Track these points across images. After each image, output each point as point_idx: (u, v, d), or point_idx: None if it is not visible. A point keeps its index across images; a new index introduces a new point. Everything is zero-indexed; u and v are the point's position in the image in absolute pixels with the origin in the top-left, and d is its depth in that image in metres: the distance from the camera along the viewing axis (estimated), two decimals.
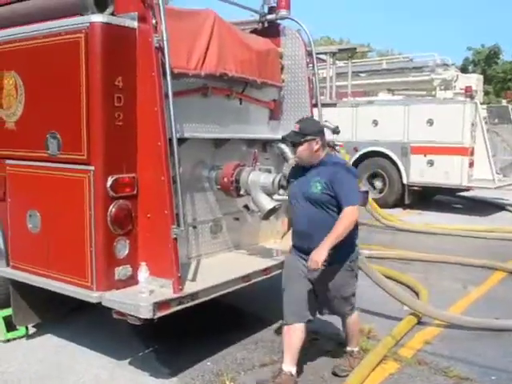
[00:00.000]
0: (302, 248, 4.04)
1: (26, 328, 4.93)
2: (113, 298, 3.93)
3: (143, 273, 3.95)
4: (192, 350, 4.68)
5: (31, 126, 4.37)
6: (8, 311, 4.83)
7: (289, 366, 3.99)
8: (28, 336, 4.92)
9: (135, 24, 4.12)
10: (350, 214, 3.81)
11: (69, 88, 4.07)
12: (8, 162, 4.52)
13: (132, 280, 4.18)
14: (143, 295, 3.89)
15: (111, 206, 4.01)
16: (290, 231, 4.34)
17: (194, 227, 4.92)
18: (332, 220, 3.86)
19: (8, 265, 4.66)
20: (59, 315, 5.05)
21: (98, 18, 3.94)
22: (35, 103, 4.33)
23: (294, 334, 4.00)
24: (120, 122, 4.03)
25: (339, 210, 3.87)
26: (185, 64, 4.56)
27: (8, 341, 4.84)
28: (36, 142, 4.31)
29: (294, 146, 4.05)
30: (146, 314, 3.74)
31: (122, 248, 4.11)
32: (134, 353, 4.66)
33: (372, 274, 5.39)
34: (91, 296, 4.02)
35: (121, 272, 4.10)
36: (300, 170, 4.13)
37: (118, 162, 4.04)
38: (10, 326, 4.86)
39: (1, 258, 4.69)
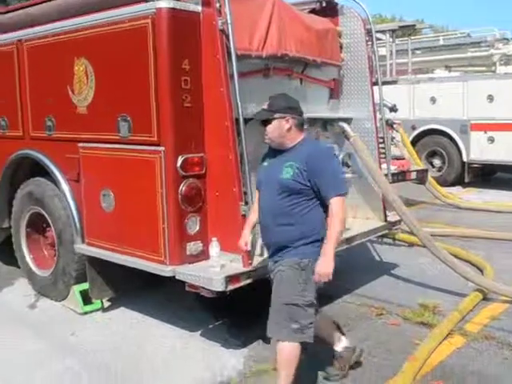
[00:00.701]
0: (267, 243, 3.61)
1: (101, 302, 5.20)
2: (186, 272, 4.10)
3: (214, 248, 4.11)
4: (259, 323, 4.81)
5: (102, 109, 4.56)
6: (84, 285, 5.11)
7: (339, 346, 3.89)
8: (103, 309, 5.19)
9: (199, 8, 4.24)
10: (340, 207, 3.27)
11: (138, 72, 4.23)
12: (81, 144, 4.74)
13: (203, 255, 4.35)
14: (215, 269, 4.06)
15: (181, 185, 4.17)
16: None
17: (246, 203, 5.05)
18: (302, 213, 3.36)
19: (83, 242, 4.91)
20: (132, 290, 5.29)
21: (163, 4, 4.07)
22: (105, 88, 4.52)
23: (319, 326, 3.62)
24: (188, 104, 4.18)
25: (318, 200, 3.37)
26: (247, 45, 4.65)
27: (85, 313, 5.11)
28: (107, 125, 4.51)
29: (264, 124, 3.51)
30: (218, 286, 3.91)
31: (193, 224, 4.28)
32: (204, 325, 4.84)
33: (437, 251, 5.39)
34: (165, 270, 4.21)
35: (192, 247, 4.27)
36: (272, 154, 3.58)
37: (186, 142, 4.19)
38: (86, 299, 5.14)
39: (77, 235, 4.94)
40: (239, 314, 4.95)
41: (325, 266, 3.25)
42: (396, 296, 5.42)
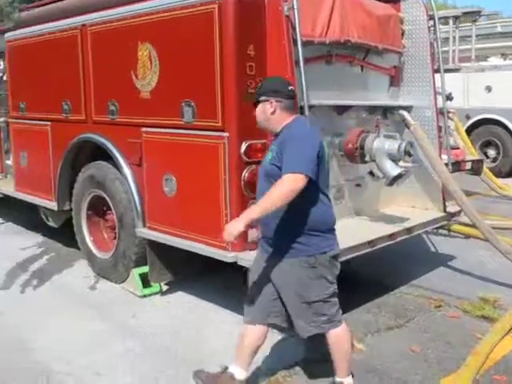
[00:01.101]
0: (263, 235, 3.42)
1: (160, 285, 5.27)
2: (248, 258, 4.12)
3: None
4: None
5: (166, 94, 4.60)
6: (144, 269, 5.19)
7: (235, 367, 3.48)
8: (161, 293, 5.26)
9: None
10: (283, 183, 2.97)
11: (203, 58, 4.24)
12: (144, 129, 4.79)
13: None
14: None
15: (244, 171, 4.18)
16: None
17: None
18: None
19: (145, 226, 4.98)
20: (190, 274, 5.35)
21: None
22: (169, 73, 4.55)
23: (246, 337, 3.48)
24: (252, 90, 4.15)
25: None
26: (310, 31, 4.60)
27: (144, 296, 5.19)
28: (171, 110, 4.54)
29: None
30: None
31: None
32: None
33: (498, 244, 5.27)
34: (227, 256, 4.24)
35: (254, 234, 4.27)
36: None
37: (250, 128, 4.17)
38: (145, 282, 5.22)
39: (138, 219, 5.01)
40: None
41: (232, 225, 3.09)
42: (454, 288, 5.32)
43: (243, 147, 4.14)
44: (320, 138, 3.22)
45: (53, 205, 6.14)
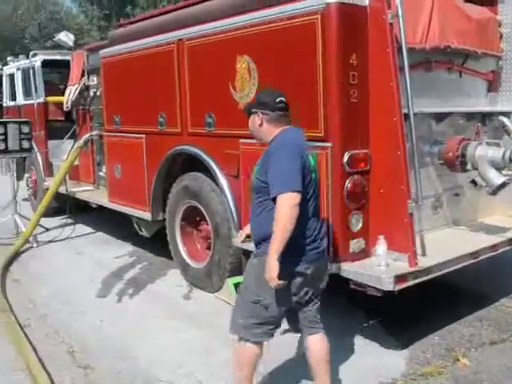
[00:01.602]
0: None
1: None
2: (351, 269, 4.06)
3: (381, 246, 4.03)
4: (416, 323, 4.70)
5: None
6: (238, 278, 5.19)
7: None
8: None
9: (366, 1, 4.17)
10: (279, 207, 2.97)
11: (304, 68, 4.22)
12: (241, 140, 4.82)
13: (363, 253, 4.28)
14: (381, 267, 3.97)
15: (347, 181, 4.13)
16: None
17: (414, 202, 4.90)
18: (264, 212, 3.17)
19: None
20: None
21: None
22: (269, 84, 4.55)
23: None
24: (355, 99, 4.12)
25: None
26: (411, 38, 4.51)
27: None
28: None
29: None
30: (387, 286, 3.82)
31: (356, 222, 4.22)
32: (359, 322, 4.80)
33: None
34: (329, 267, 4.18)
35: (355, 245, 4.21)
36: None
37: (353, 138, 4.14)
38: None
39: (235, 230, 5.03)
40: (392, 312, 4.84)
41: (267, 272, 2.99)
42: None
43: (346, 157, 4.09)
44: (303, 148, 3.21)
45: (147, 215, 6.28)
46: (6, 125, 7.78)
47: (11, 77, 10.57)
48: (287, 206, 2.96)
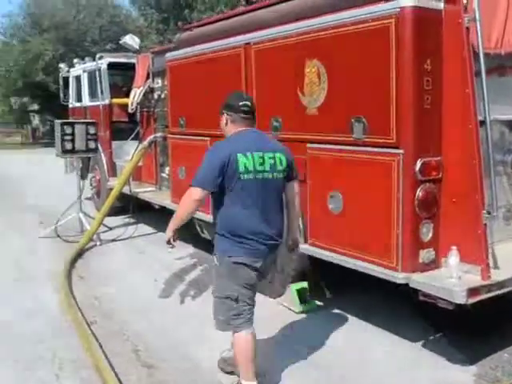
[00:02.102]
0: None
1: (317, 302, 5.24)
2: (422, 281, 3.97)
3: (454, 257, 3.91)
4: (484, 339, 4.55)
5: (334, 111, 4.57)
6: (301, 285, 5.19)
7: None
8: (318, 310, 5.22)
9: (441, 5, 4.07)
10: (185, 196, 3.58)
11: (377, 73, 4.17)
12: (309, 145, 4.79)
13: (433, 264, 4.18)
14: (453, 280, 3.87)
15: (418, 190, 4.04)
16: None
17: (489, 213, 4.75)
18: (217, 208, 3.64)
19: (306, 242, 4.97)
20: (348, 292, 5.27)
21: (408, 3, 3.95)
22: (339, 89, 4.52)
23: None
24: (428, 105, 4.03)
25: (228, 196, 3.55)
26: (486, 43, 4.36)
27: (301, 312, 5.17)
28: (339, 127, 4.50)
29: None
30: (459, 299, 3.71)
31: (427, 231, 4.13)
32: (425, 335, 4.68)
33: None
34: (397, 277, 4.11)
35: (425, 255, 4.12)
36: None
37: (426, 145, 4.05)
38: (302, 298, 5.21)
39: (300, 235, 4.99)
40: (459, 326, 4.71)
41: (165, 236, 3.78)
42: None
43: (418, 165, 4.01)
44: (235, 151, 3.51)
45: (209, 218, 6.29)
46: (74, 125, 7.98)
47: (77, 79, 10.88)
48: (190, 197, 3.52)
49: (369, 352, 4.42)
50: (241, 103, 3.69)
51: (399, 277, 4.10)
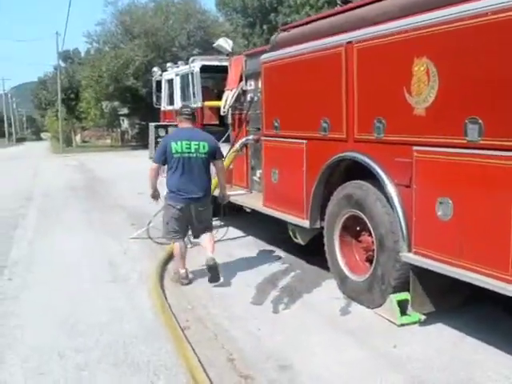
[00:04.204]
0: None
1: (419, 315, 4.92)
2: None
3: None
4: None
5: (445, 111, 4.25)
6: (403, 295, 4.90)
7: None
8: (420, 323, 4.90)
9: None
10: (150, 168, 6.31)
11: (497, 70, 3.84)
12: (416, 148, 4.50)
13: None
14: None
15: None
16: None
17: None
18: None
19: (410, 250, 4.69)
20: (453, 305, 4.94)
21: None
22: (451, 88, 4.20)
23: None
24: None
25: (169, 167, 6.17)
26: None
27: (402, 325, 4.87)
28: (451, 128, 4.19)
29: None
30: None
31: None
32: None
33: None
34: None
35: None
36: None
37: None
38: (402, 310, 4.92)
39: (404, 243, 4.74)
40: None
41: None
42: None
43: None
44: (170, 140, 6.09)
45: (304, 223, 6.14)
46: (168, 128, 8.04)
47: (170, 82, 11.01)
48: (150, 169, 6.21)
49: (475, 370, 4.08)
50: (183, 109, 6.31)
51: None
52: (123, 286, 6.29)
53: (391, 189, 4.84)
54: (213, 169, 6.41)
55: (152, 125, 8.10)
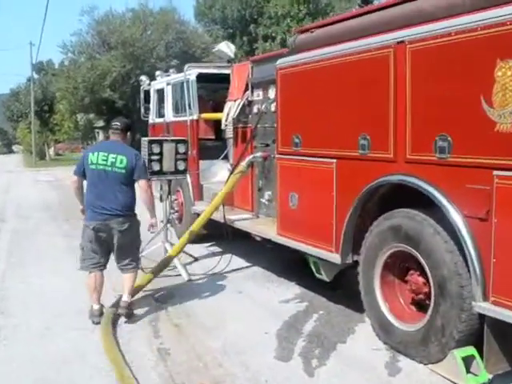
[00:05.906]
0: None
1: (488, 375, 4.00)
2: None
3: None
4: None
5: None
6: (469, 351, 4.02)
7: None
8: None
9: None
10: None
11: None
12: (497, 173, 3.60)
13: None
14: None
15: None
16: None
17: None
18: None
19: (486, 299, 3.77)
20: None
21: None
22: None
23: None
24: None
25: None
26: None
27: None
28: None
29: None
30: None
31: None
32: None
33: None
34: None
35: None
36: None
37: None
38: (467, 368, 4.01)
39: (477, 289, 3.82)
40: None
41: None
42: None
43: None
44: (89, 151, 5.60)
45: (334, 257, 5.17)
46: (162, 144, 7.02)
47: (160, 92, 9.98)
48: (71, 182, 5.69)
49: None
50: (113, 124, 5.71)
51: None
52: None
53: (459, 222, 3.90)
54: (216, 188, 6.06)
55: (145, 140, 7.04)
